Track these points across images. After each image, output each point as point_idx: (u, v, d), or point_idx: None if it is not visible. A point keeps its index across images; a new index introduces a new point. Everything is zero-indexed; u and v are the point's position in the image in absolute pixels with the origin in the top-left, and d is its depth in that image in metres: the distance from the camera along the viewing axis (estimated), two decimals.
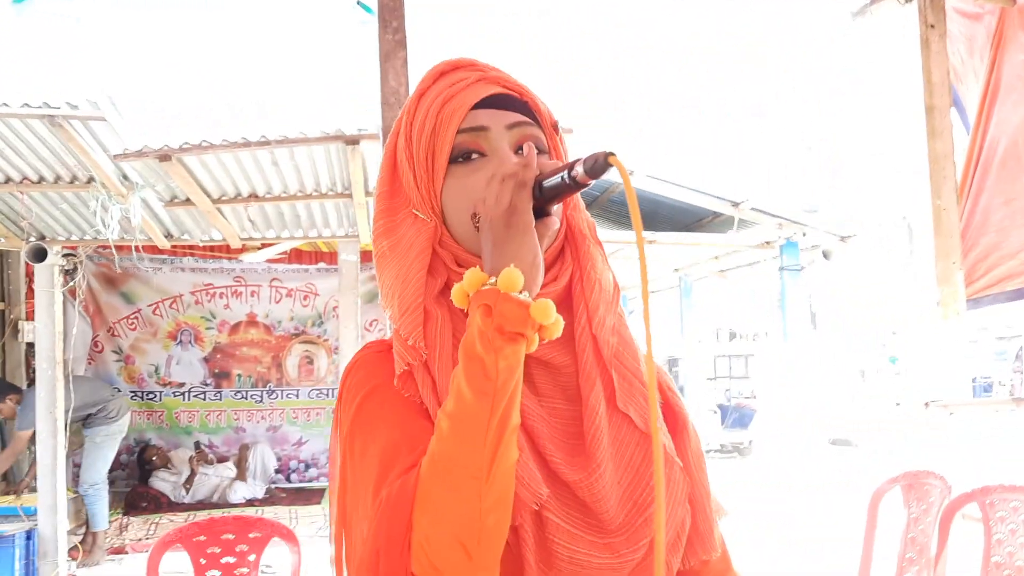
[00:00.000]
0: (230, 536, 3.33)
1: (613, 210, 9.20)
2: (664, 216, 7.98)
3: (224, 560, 3.32)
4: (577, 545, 0.94)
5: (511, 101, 1.03)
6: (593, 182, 0.92)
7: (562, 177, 0.93)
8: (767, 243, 7.25)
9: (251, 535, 3.34)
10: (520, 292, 0.88)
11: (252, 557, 3.32)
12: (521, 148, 1.01)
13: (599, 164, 0.89)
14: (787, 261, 7.22)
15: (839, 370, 17.29)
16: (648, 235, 7.31)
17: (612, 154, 0.88)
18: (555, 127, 1.06)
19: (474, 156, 1.01)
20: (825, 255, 7.21)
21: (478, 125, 1.00)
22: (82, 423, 6.88)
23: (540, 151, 1.01)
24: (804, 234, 7.10)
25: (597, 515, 0.95)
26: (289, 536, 3.32)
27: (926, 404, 4.12)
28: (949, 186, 4.19)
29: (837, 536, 6.08)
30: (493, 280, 0.90)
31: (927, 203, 4.32)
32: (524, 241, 0.92)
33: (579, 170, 0.91)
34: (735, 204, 7.00)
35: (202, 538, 3.31)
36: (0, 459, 6.93)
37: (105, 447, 7.00)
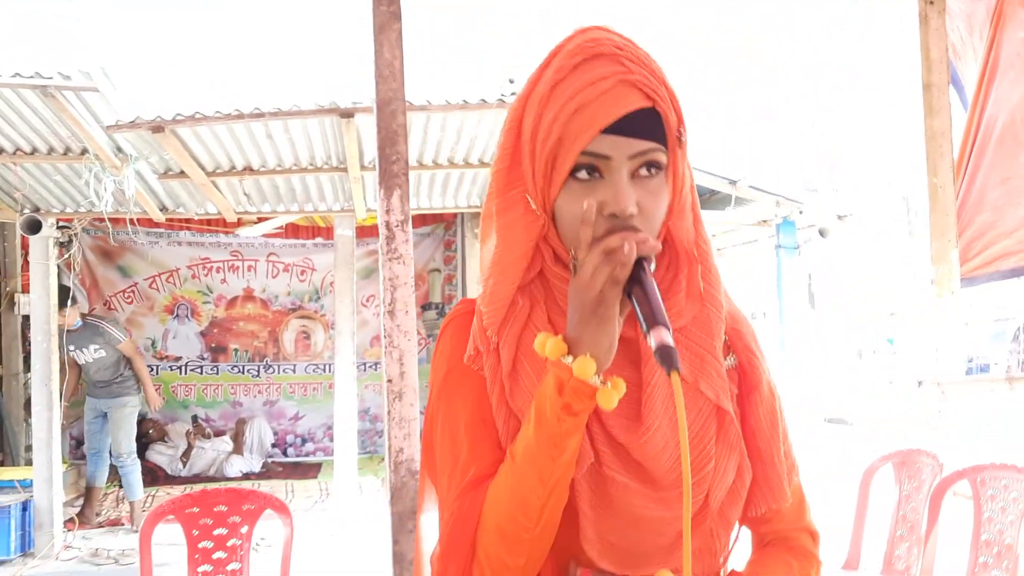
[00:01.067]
0: (223, 508, 3.34)
1: None
2: None
3: (217, 532, 3.32)
4: (632, 497, 1.05)
5: (640, 121, 1.02)
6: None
7: (643, 323, 0.97)
8: (764, 221, 7.23)
9: (244, 507, 3.34)
10: (591, 377, 0.97)
11: (244, 529, 3.32)
12: (638, 174, 1.02)
13: (663, 358, 0.93)
14: (784, 239, 7.20)
15: (836, 349, 17.29)
16: None
17: (676, 371, 0.93)
18: (679, 139, 1.06)
19: (593, 174, 1.02)
20: (822, 233, 7.20)
21: (602, 153, 1.01)
22: (106, 391, 6.86)
23: (651, 175, 1.03)
24: (801, 212, 7.07)
25: (650, 472, 1.05)
26: (282, 508, 3.32)
27: (919, 383, 4.11)
28: (946, 164, 4.18)
29: (829, 513, 6.10)
30: (570, 359, 0.98)
31: (924, 182, 4.31)
32: (604, 330, 0.98)
33: (650, 340, 0.95)
34: (732, 182, 6.97)
35: (195, 510, 3.31)
36: (144, 377, 7.04)
37: (133, 417, 7.01)
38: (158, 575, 3.85)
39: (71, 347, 6.57)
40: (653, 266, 1.02)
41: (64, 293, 6.31)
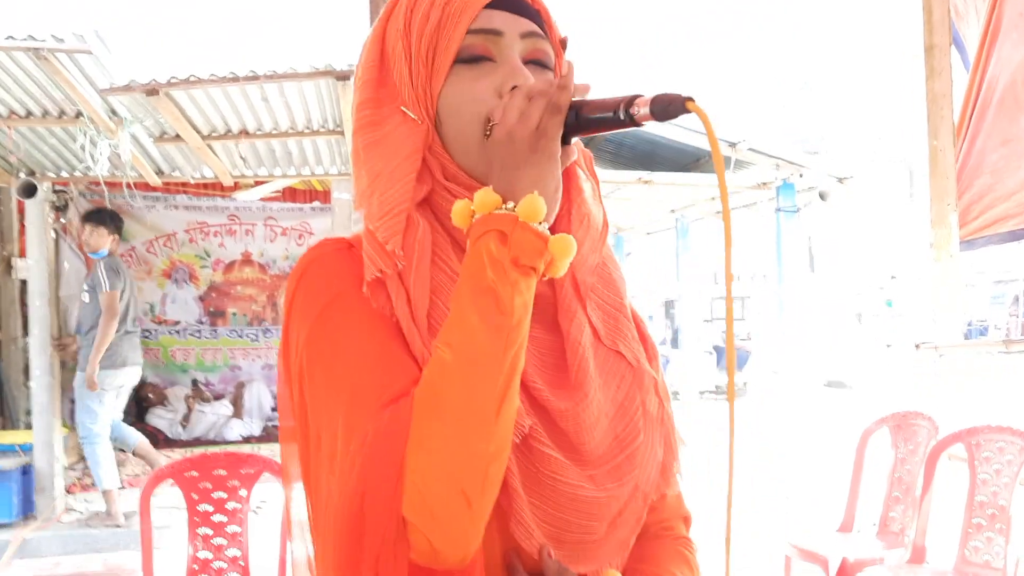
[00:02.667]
0: (222, 472, 3.36)
1: (609, 149, 9.13)
2: (661, 156, 7.92)
3: (216, 495, 3.34)
4: (564, 474, 0.90)
5: (524, 7, 0.94)
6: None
7: (614, 112, 0.84)
8: (764, 184, 7.20)
9: (242, 471, 3.37)
10: (540, 223, 0.84)
11: (243, 492, 3.35)
12: (533, 61, 0.94)
13: (673, 108, 0.81)
14: (783, 202, 7.17)
15: (836, 312, 17.33)
16: (644, 175, 7.25)
17: (691, 99, 0.80)
18: (563, 44, 0.99)
19: (482, 60, 0.92)
20: (822, 196, 7.17)
21: (491, 28, 0.91)
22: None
23: (546, 67, 0.95)
24: (801, 175, 7.04)
25: (577, 447, 0.91)
26: (280, 471, 3.33)
27: (916, 346, 4.12)
28: (946, 126, 4.15)
29: (826, 476, 6.14)
30: (511, 205, 0.84)
31: (924, 144, 4.29)
32: (549, 168, 0.85)
33: (643, 110, 0.82)
34: (732, 144, 6.93)
35: (194, 473, 3.33)
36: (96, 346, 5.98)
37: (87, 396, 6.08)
38: (159, 537, 3.88)
39: (85, 286, 6.09)
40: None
41: (102, 217, 5.91)
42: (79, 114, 5.02)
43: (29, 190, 5.62)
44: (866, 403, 10.62)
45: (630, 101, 0.83)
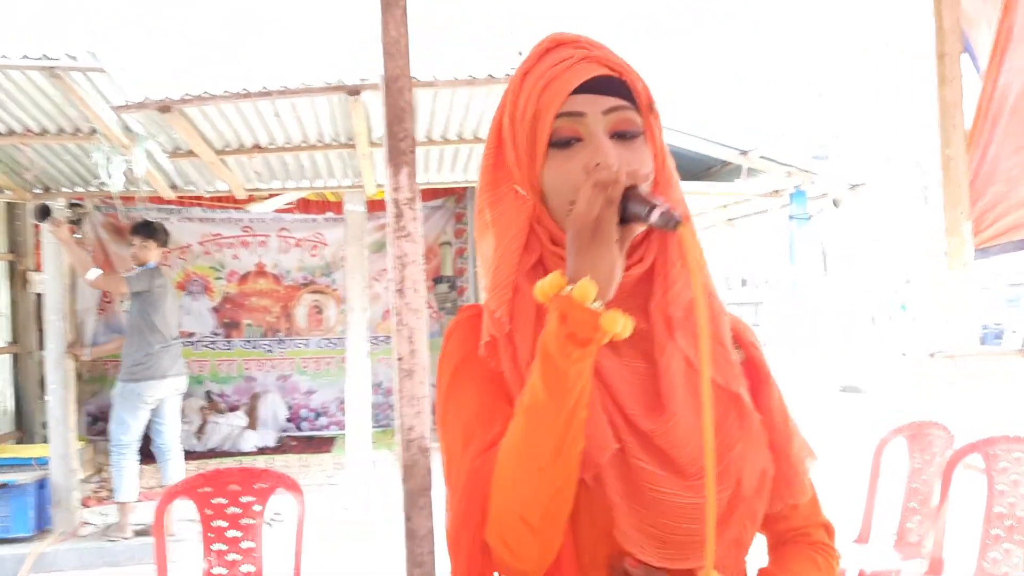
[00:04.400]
0: (236, 487, 3.37)
1: None
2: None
3: (230, 511, 3.35)
4: (661, 485, 1.03)
5: (609, 83, 1.05)
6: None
7: (639, 211, 0.98)
8: (776, 192, 7.17)
9: (256, 486, 3.37)
10: (593, 302, 0.96)
11: (258, 507, 3.35)
12: (618, 134, 1.06)
13: (669, 223, 0.95)
14: (796, 210, 7.15)
15: (850, 318, 17.25)
16: None
17: (681, 223, 0.95)
18: (650, 107, 1.09)
19: (573, 142, 1.05)
20: (835, 203, 7.15)
21: (576, 111, 1.04)
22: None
23: (632, 135, 1.06)
24: (813, 182, 7.02)
25: (674, 460, 1.04)
26: (293, 486, 3.35)
27: (931, 354, 4.10)
28: (958, 135, 4.13)
29: (842, 484, 6.11)
30: (570, 288, 0.97)
31: (937, 152, 4.26)
32: (603, 254, 0.98)
33: (654, 217, 0.96)
34: (744, 152, 6.92)
35: (208, 489, 3.34)
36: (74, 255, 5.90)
37: (127, 403, 5.96)
38: (174, 551, 3.89)
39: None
40: (645, 187, 1.04)
41: (142, 226, 5.80)
42: (93, 131, 5.06)
43: (43, 213, 5.65)
44: (881, 409, 10.56)
45: (653, 205, 0.96)
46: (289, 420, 8.99)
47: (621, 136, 1.06)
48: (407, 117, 3.28)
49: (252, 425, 8.57)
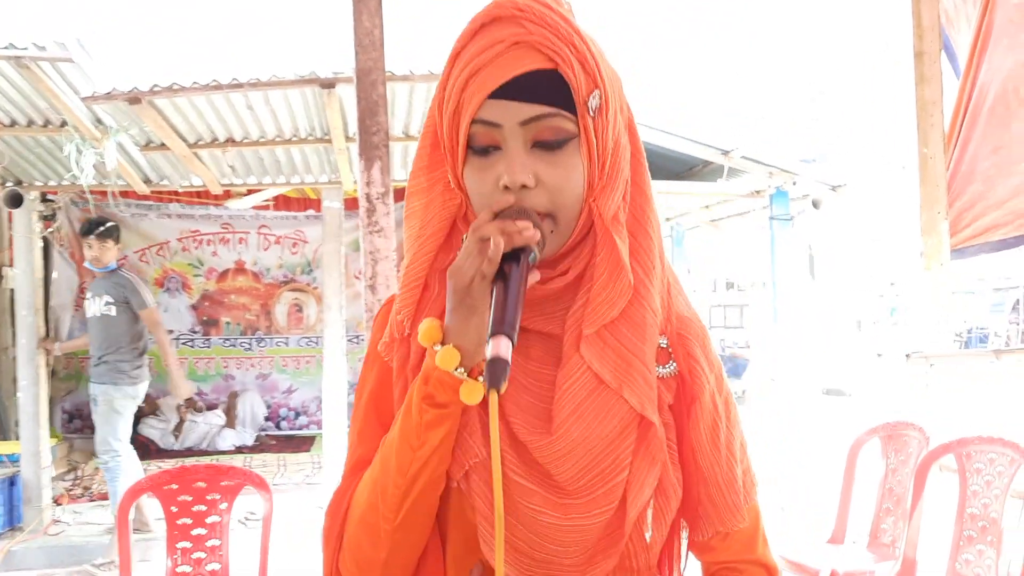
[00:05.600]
0: (202, 484, 3.31)
1: None
2: (655, 165, 7.86)
3: (196, 508, 3.30)
4: (528, 500, 0.98)
5: (535, 84, 0.94)
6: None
7: (492, 315, 0.92)
8: (757, 192, 7.15)
9: (223, 483, 3.32)
10: (456, 368, 0.94)
11: (224, 505, 3.30)
12: (540, 144, 0.97)
13: (490, 373, 0.88)
14: (777, 211, 7.12)
15: (835, 320, 17.30)
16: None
17: (496, 390, 0.88)
18: (587, 105, 0.97)
19: (491, 150, 0.98)
20: (815, 204, 7.12)
21: (491, 120, 0.96)
22: (99, 371, 5.65)
23: (558, 144, 0.97)
24: (795, 183, 7.00)
25: (551, 476, 0.98)
26: (262, 485, 3.29)
27: (907, 356, 4.08)
28: (936, 134, 4.11)
29: (820, 485, 6.09)
30: (439, 348, 0.94)
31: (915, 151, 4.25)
32: (471, 324, 0.94)
33: (487, 349, 0.89)
34: (725, 152, 6.89)
35: (174, 486, 3.29)
36: (169, 360, 5.89)
37: (124, 412, 5.69)
38: (145, 549, 3.84)
39: (89, 293, 5.60)
40: (534, 256, 0.95)
41: (98, 225, 5.42)
42: (64, 123, 4.99)
43: (15, 200, 5.57)
44: (864, 411, 10.57)
45: (495, 334, 0.89)
46: (268, 419, 8.93)
47: (545, 146, 0.97)
48: (380, 111, 3.24)
49: (230, 424, 8.50)
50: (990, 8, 4.08)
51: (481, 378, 0.90)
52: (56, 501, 6.50)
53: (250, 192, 7.26)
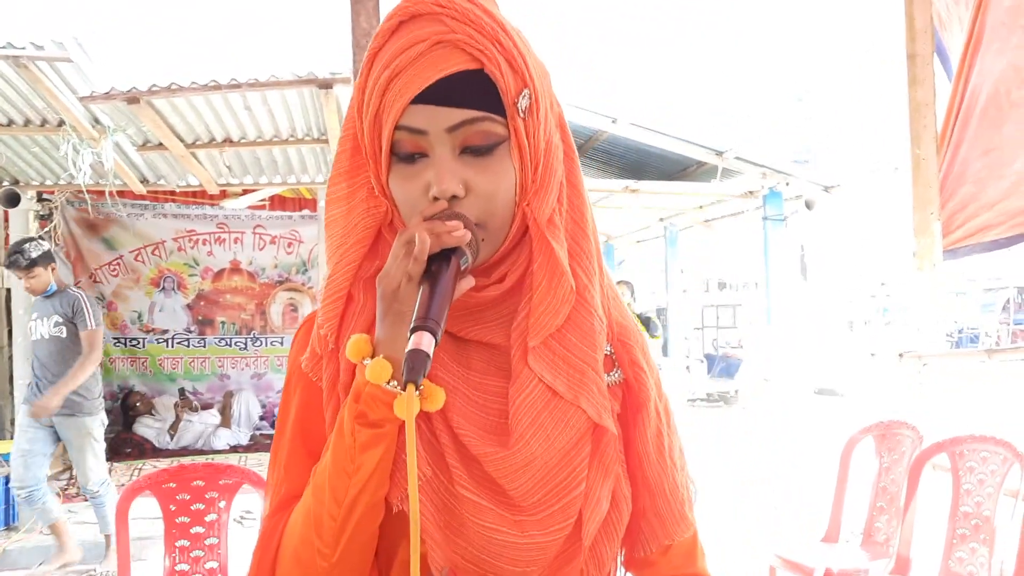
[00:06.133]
0: (200, 483, 3.32)
1: (599, 158, 9.12)
2: (649, 165, 7.92)
3: (194, 507, 3.31)
4: (481, 517, 0.93)
5: (461, 87, 0.89)
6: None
7: (416, 312, 0.87)
8: (751, 193, 7.19)
9: (221, 481, 3.33)
10: (388, 382, 0.88)
11: (222, 503, 3.31)
12: (469, 149, 0.91)
13: (408, 364, 0.83)
14: (770, 211, 7.16)
15: (827, 320, 17.35)
16: (632, 184, 7.24)
17: (414, 383, 0.83)
18: (517, 106, 0.91)
19: (417, 157, 0.91)
20: (807, 205, 7.16)
21: (415, 127, 0.89)
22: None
23: (487, 149, 0.91)
24: (788, 184, 7.03)
25: (505, 491, 0.93)
26: (259, 483, 3.30)
27: (900, 355, 4.11)
28: (929, 135, 4.15)
29: (813, 484, 6.12)
30: (368, 362, 0.89)
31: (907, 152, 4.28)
32: (400, 332, 0.88)
33: (410, 342, 0.84)
34: (719, 153, 6.93)
35: (172, 485, 3.30)
36: (67, 382, 4.96)
37: (99, 436, 5.25)
38: (141, 549, 3.84)
39: (34, 314, 5.17)
40: (467, 260, 0.91)
41: (15, 255, 4.95)
42: (61, 122, 5.00)
43: (12, 199, 5.58)
44: (856, 411, 10.61)
45: (417, 329, 0.84)
46: (263, 418, 8.93)
47: (474, 151, 0.91)
48: None
49: (226, 423, 8.50)
50: (982, 11, 4.12)
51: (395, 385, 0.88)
52: None
53: (246, 192, 7.28)
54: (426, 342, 0.83)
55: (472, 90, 0.89)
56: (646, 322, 7.22)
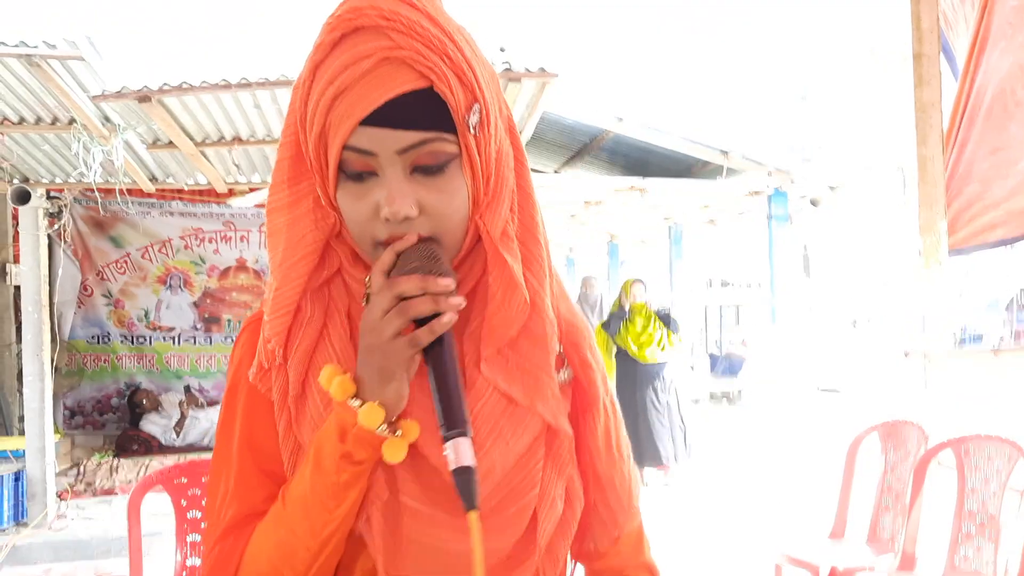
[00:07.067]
0: None
1: (603, 157, 9.14)
2: (654, 164, 7.94)
3: (205, 502, 3.33)
4: (434, 530, 0.94)
5: (410, 107, 0.86)
6: None
7: (440, 404, 0.88)
8: (756, 192, 7.20)
9: None
10: (379, 426, 0.89)
11: None
12: (420, 168, 0.89)
13: (462, 487, 0.85)
14: (775, 210, 7.17)
15: (830, 319, 17.34)
16: (637, 182, 7.26)
17: (475, 509, 0.86)
18: (467, 123, 0.89)
19: (365, 176, 0.89)
20: (813, 203, 7.17)
21: (364, 149, 0.87)
22: None
23: (438, 168, 0.90)
24: (793, 182, 7.05)
25: (458, 499, 0.90)
26: None
27: (905, 354, 4.13)
28: (935, 134, 4.16)
29: (818, 482, 6.14)
30: (357, 404, 0.89)
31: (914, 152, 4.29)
32: (390, 386, 0.89)
33: (448, 451, 0.86)
34: (724, 152, 6.95)
35: (183, 480, 3.32)
36: None
37: None
38: (149, 544, 3.87)
39: None
40: (449, 318, 0.89)
41: None
42: (72, 121, 5.03)
43: (23, 196, 5.61)
44: (859, 409, 10.62)
45: (454, 434, 0.86)
46: None
47: (425, 170, 0.89)
48: None
49: None
50: (988, 10, 4.13)
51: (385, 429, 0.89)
52: (60, 496, 6.53)
53: (253, 190, 7.30)
54: (468, 453, 0.85)
55: (421, 110, 0.87)
56: (667, 320, 7.21)
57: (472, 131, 0.89)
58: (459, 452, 0.85)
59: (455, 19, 0.92)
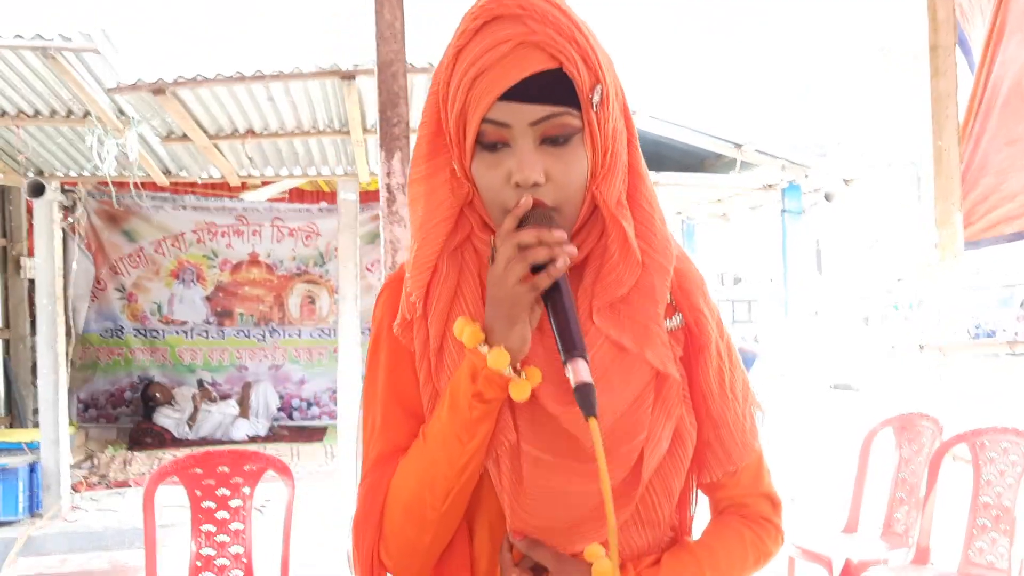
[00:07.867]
0: (225, 469, 3.35)
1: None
2: (667, 157, 7.91)
3: (219, 492, 3.34)
4: (552, 475, 1.04)
5: (545, 85, 0.98)
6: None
7: (559, 335, 0.97)
8: (769, 185, 7.17)
9: (246, 468, 3.36)
10: (505, 368, 0.99)
11: (247, 489, 3.35)
12: (549, 140, 1.00)
13: (582, 400, 0.93)
14: (789, 204, 7.14)
15: (843, 315, 17.30)
16: (651, 176, 7.21)
17: (594, 416, 0.93)
18: (591, 101, 1.00)
19: (499, 146, 1.01)
20: (827, 198, 7.13)
21: (500, 121, 0.99)
22: None
23: (565, 139, 1.00)
24: (807, 176, 7.01)
25: (580, 443, 1.02)
26: (283, 469, 3.34)
27: (920, 347, 4.11)
28: (951, 126, 4.14)
29: (832, 477, 6.13)
30: (486, 348, 1.00)
31: (930, 144, 4.27)
32: (516, 330, 1.00)
33: (568, 372, 0.95)
34: (738, 145, 6.92)
35: (198, 471, 3.34)
36: None
37: None
38: (164, 535, 3.89)
39: None
40: (562, 263, 0.98)
41: None
42: (87, 113, 5.05)
43: (37, 189, 5.64)
44: (872, 405, 10.59)
45: (572, 357, 0.95)
46: (281, 409, 8.99)
47: (552, 141, 1.00)
48: (401, 102, 3.28)
49: (244, 414, 8.57)
50: (1004, 2, 4.11)
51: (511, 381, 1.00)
52: (74, 488, 6.57)
53: (265, 184, 7.32)
54: (585, 371, 0.94)
55: (552, 87, 0.98)
56: None
57: (594, 108, 1.00)
58: (577, 371, 0.94)
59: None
